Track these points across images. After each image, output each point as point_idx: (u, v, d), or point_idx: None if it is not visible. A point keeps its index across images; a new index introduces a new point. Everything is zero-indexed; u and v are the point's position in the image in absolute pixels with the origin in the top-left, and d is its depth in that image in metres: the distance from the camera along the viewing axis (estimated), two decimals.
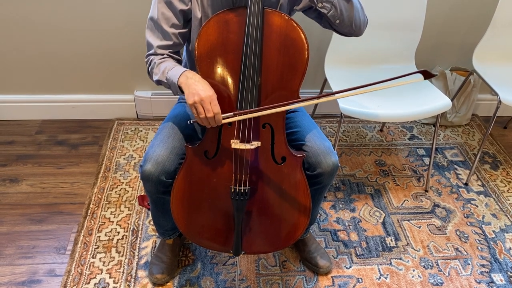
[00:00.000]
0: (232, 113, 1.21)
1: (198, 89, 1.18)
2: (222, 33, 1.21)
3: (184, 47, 1.50)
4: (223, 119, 1.20)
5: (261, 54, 1.21)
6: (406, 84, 1.97)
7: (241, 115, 1.21)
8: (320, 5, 1.24)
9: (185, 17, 1.33)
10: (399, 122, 2.48)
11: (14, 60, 2.22)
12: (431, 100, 1.85)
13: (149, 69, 1.34)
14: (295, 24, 1.22)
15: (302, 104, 1.25)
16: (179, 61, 1.37)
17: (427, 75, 1.15)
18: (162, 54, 1.33)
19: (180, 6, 1.29)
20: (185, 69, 1.26)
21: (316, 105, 2.32)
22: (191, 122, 1.25)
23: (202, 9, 1.30)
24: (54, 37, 2.16)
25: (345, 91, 1.20)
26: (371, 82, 1.33)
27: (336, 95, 1.23)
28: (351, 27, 1.31)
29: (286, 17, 1.22)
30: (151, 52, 1.34)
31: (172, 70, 1.26)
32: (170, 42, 1.32)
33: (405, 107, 1.83)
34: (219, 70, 1.23)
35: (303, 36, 1.22)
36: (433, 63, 2.43)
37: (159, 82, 1.31)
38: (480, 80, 2.30)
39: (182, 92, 1.23)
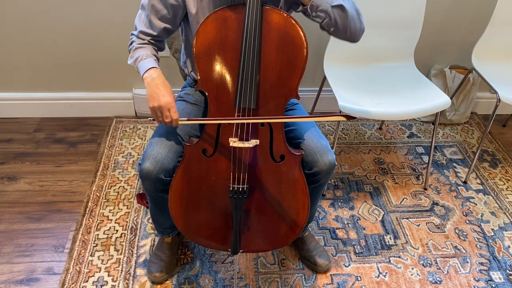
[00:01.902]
0: (185, 118, 1.31)
1: (159, 94, 1.24)
2: (220, 31, 1.21)
3: (183, 44, 1.50)
4: (180, 121, 1.27)
5: (259, 52, 1.21)
6: (401, 83, 1.98)
7: (195, 121, 1.35)
8: (314, 14, 1.24)
9: (175, 12, 1.33)
10: (398, 120, 2.48)
11: (12, 58, 2.21)
12: (430, 98, 1.85)
13: (129, 47, 1.38)
14: (294, 22, 1.21)
15: (281, 120, 1.28)
16: (157, 50, 1.40)
17: (348, 118, 1.21)
18: (143, 39, 1.36)
19: (171, 1, 1.30)
20: (154, 65, 1.30)
21: (315, 103, 2.32)
22: (151, 120, 1.30)
23: (197, 5, 1.30)
24: (53, 35, 2.15)
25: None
26: (370, 81, 1.36)
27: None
28: (345, 34, 1.29)
29: (285, 15, 1.21)
30: (134, 33, 1.38)
31: (143, 61, 1.31)
32: (154, 33, 1.36)
33: (404, 105, 1.83)
34: (218, 67, 1.23)
35: (302, 34, 1.21)
36: (432, 61, 2.43)
37: (132, 65, 1.36)
38: (479, 78, 2.30)
39: None
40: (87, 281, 1.59)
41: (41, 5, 2.07)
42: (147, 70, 1.28)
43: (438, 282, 1.65)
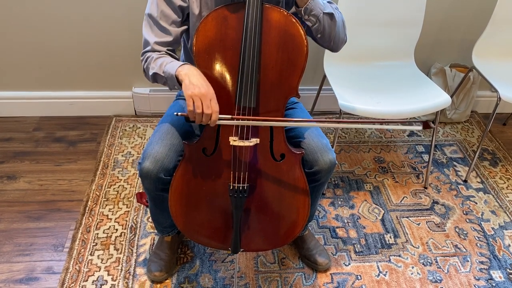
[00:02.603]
0: (229, 116, 1.19)
1: (200, 82, 1.16)
2: (220, 29, 1.20)
3: (182, 46, 1.49)
4: (219, 120, 1.17)
5: (260, 50, 1.20)
6: (401, 82, 1.98)
7: (239, 120, 1.19)
8: (306, 17, 1.25)
9: (183, 14, 1.32)
10: (398, 119, 2.47)
11: (12, 57, 2.21)
12: (430, 97, 1.85)
13: (145, 65, 1.31)
14: (294, 20, 1.21)
15: (307, 124, 1.30)
16: (176, 60, 1.35)
17: (426, 126, 1.15)
18: (160, 51, 1.31)
19: (179, 2, 1.28)
20: (188, 62, 1.24)
21: (315, 102, 2.32)
22: (178, 114, 1.20)
23: (200, 5, 1.29)
24: (52, 33, 2.15)
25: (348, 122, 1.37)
26: (370, 79, 1.35)
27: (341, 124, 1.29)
28: (329, 43, 1.33)
29: (285, 13, 1.21)
30: (147, 49, 1.32)
31: (171, 63, 1.24)
32: (170, 39, 1.31)
33: (404, 103, 1.83)
34: (218, 66, 1.22)
35: (302, 32, 1.21)
36: (432, 60, 2.43)
37: (155, 77, 1.29)
38: (479, 76, 2.29)
39: (180, 84, 1.20)
40: (86, 280, 1.59)
41: (40, 4, 2.06)
42: (181, 65, 1.20)
43: (438, 281, 1.65)
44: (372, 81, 1.99)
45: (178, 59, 1.34)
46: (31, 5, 2.06)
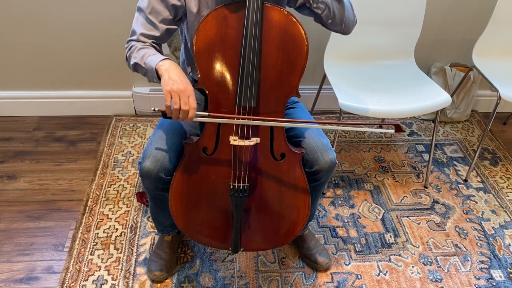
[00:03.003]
0: (207, 113, 1.20)
1: (179, 78, 1.16)
2: (220, 28, 1.20)
3: (182, 45, 1.49)
4: (196, 117, 1.18)
5: (260, 50, 1.20)
6: (402, 81, 1.97)
7: (215, 117, 1.20)
8: (315, 5, 1.25)
9: (176, 13, 1.31)
10: (399, 118, 2.48)
11: (12, 56, 2.21)
12: (430, 96, 1.84)
13: (128, 53, 1.31)
14: (294, 19, 1.20)
15: (295, 125, 1.29)
16: (160, 53, 1.33)
17: (398, 129, 1.18)
18: (145, 42, 1.31)
19: (173, 1, 1.28)
20: (169, 58, 1.24)
21: (315, 101, 2.31)
22: (156, 109, 1.20)
23: (198, 3, 1.29)
24: (52, 33, 2.15)
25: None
26: (370, 78, 1.34)
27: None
28: (341, 26, 1.34)
29: (286, 12, 1.20)
30: (133, 38, 1.32)
31: (153, 55, 1.24)
32: (157, 34, 1.31)
33: (404, 103, 1.83)
34: (218, 65, 1.22)
35: (302, 32, 1.21)
36: (432, 59, 2.43)
37: (135, 67, 1.29)
38: (479, 76, 2.29)
39: (160, 79, 1.19)
40: (87, 280, 1.59)
41: (40, 4, 2.06)
42: (162, 60, 1.21)
43: (439, 280, 1.65)
44: (373, 81, 1.99)
45: (161, 52, 1.34)
46: (30, 5, 2.06)
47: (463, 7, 2.26)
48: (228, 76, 1.23)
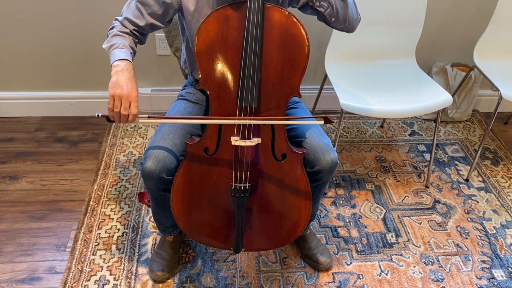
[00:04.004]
0: (146, 115, 1.23)
1: (125, 83, 1.20)
2: (222, 29, 1.21)
3: (183, 45, 1.49)
4: (139, 118, 1.21)
5: (261, 50, 1.20)
6: (403, 81, 1.98)
7: (155, 118, 1.24)
8: (318, 4, 1.26)
9: (166, 10, 1.32)
10: (400, 118, 2.48)
11: (13, 57, 2.21)
12: (431, 96, 1.85)
13: (109, 31, 1.34)
14: (295, 20, 1.21)
15: (278, 122, 1.28)
16: (137, 43, 1.37)
17: (327, 120, 1.22)
18: (126, 27, 1.33)
19: None
20: (128, 59, 1.26)
21: (316, 101, 2.32)
22: (100, 115, 1.23)
23: (196, 2, 1.29)
24: (53, 34, 2.15)
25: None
26: (371, 78, 1.31)
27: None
28: (344, 24, 1.34)
29: (287, 13, 1.21)
30: (119, 19, 1.34)
31: (118, 50, 1.27)
32: (141, 23, 1.32)
33: (405, 103, 1.83)
34: (219, 66, 1.23)
35: (303, 32, 1.21)
36: (433, 59, 2.43)
37: (105, 49, 1.32)
38: (481, 75, 2.29)
39: None
40: (89, 280, 1.59)
41: (41, 5, 2.06)
42: (118, 60, 1.24)
43: (440, 280, 1.65)
44: (374, 80, 1.99)
45: (142, 41, 1.37)
46: (32, 6, 2.06)
47: (464, 6, 2.26)
48: (229, 76, 1.23)
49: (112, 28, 1.34)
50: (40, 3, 2.06)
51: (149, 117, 1.23)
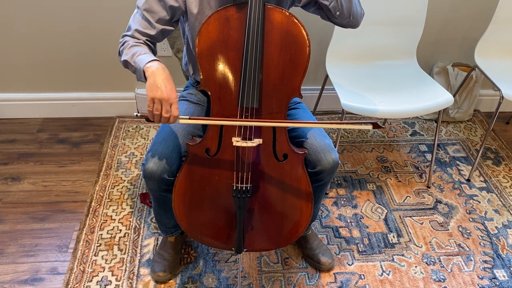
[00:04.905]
0: (187, 117, 1.21)
1: (164, 85, 1.15)
2: (222, 30, 1.21)
3: (185, 47, 1.49)
4: (180, 119, 1.19)
5: (262, 51, 1.20)
6: (404, 81, 1.98)
7: (197, 120, 1.23)
8: None
9: (173, 14, 1.32)
10: (401, 118, 2.48)
11: (15, 59, 2.22)
12: (433, 96, 1.85)
13: (121, 48, 1.31)
14: (296, 21, 1.21)
15: (292, 125, 1.30)
16: (153, 52, 1.34)
17: (375, 126, 1.20)
18: (139, 39, 1.31)
19: (171, 2, 1.28)
20: (158, 60, 1.23)
21: (317, 101, 2.32)
22: (138, 115, 1.20)
23: (199, 4, 1.30)
24: (55, 35, 2.16)
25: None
26: (372, 79, 1.31)
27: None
28: (349, 19, 1.33)
29: (287, 13, 1.21)
30: (128, 33, 1.32)
31: (143, 55, 1.24)
32: (152, 32, 1.31)
33: (406, 103, 1.83)
34: (220, 67, 1.23)
35: (304, 33, 1.21)
36: (434, 59, 2.42)
37: (126, 64, 1.29)
38: (482, 75, 2.29)
39: (146, 79, 1.20)
40: (91, 280, 1.59)
41: (43, 7, 2.07)
42: (150, 61, 1.20)
43: (442, 280, 1.65)
44: (375, 81, 1.99)
45: (154, 51, 1.34)
46: (34, 7, 2.07)
47: (465, 6, 2.26)
48: (230, 77, 1.24)
49: (123, 44, 1.31)
50: (42, 5, 2.07)
51: (190, 118, 1.21)
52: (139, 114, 1.20)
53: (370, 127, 1.19)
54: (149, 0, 1.28)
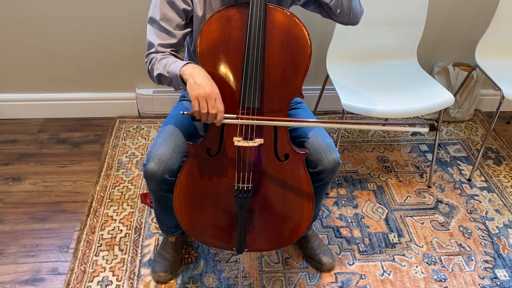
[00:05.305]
0: (235, 116, 1.20)
1: (204, 82, 1.16)
2: (224, 30, 1.21)
3: (186, 48, 1.49)
4: (225, 119, 1.18)
5: (263, 51, 1.20)
6: (404, 81, 1.98)
7: (243, 119, 1.20)
8: None
9: (187, 17, 1.32)
10: (402, 118, 2.47)
11: (16, 59, 2.22)
12: (433, 96, 1.84)
13: (149, 66, 1.32)
14: (297, 20, 1.21)
15: (311, 124, 1.31)
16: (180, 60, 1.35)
17: (433, 128, 1.17)
18: (164, 52, 1.31)
19: (183, 6, 1.28)
20: (191, 62, 1.23)
21: (318, 101, 2.32)
22: (185, 113, 1.21)
23: (204, 7, 1.30)
24: (56, 35, 2.16)
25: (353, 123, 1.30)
26: (373, 78, 1.31)
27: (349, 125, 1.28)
28: (349, 16, 1.33)
29: (289, 13, 1.21)
30: (152, 50, 1.32)
31: (175, 63, 1.24)
32: (174, 41, 1.31)
33: (407, 103, 1.83)
34: (222, 67, 1.23)
35: (305, 32, 1.21)
36: (435, 59, 2.42)
37: (159, 78, 1.29)
38: (483, 75, 2.29)
39: (185, 84, 1.20)
40: (91, 281, 1.59)
41: (44, 6, 2.07)
42: (185, 65, 1.20)
43: (443, 280, 1.65)
44: (375, 81, 1.99)
45: (182, 59, 1.34)
46: (34, 7, 2.07)
47: (466, 6, 2.26)
48: (232, 77, 1.24)
49: (150, 61, 1.31)
50: (43, 5, 2.07)
51: (237, 118, 1.20)
52: (185, 113, 1.20)
53: (427, 129, 1.15)
54: (162, 8, 1.28)
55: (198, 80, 1.16)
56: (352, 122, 1.17)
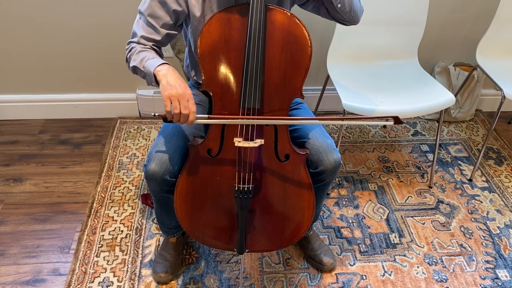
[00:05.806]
0: (206, 115, 1.21)
1: (177, 83, 1.17)
2: (224, 31, 1.21)
3: (187, 48, 1.49)
4: (197, 119, 1.19)
5: (264, 52, 1.20)
6: (405, 81, 1.98)
7: (214, 119, 1.22)
8: None
9: (177, 18, 1.32)
10: (403, 118, 2.47)
11: (16, 60, 2.22)
12: (434, 96, 1.84)
13: (128, 55, 1.32)
14: (297, 21, 1.21)
15: (300, 122, 1.30)
16: (160, 55, 1.35)
17: (397, 121, 1.19)
18: (145, 45, 1.32)
19: (174, 6, 1.28)
20: (168, 63, 1.24)
21: (318, 102, 2.32)
22: (156, 115, 1.21)
23: (202, 8, 1.30)
24: (56, 36, 2.16)
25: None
26: (374, 79, 1.31)
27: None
28: (350, 14, 1.33)
29: (289, 14, 1.21)
30: (134, 40, 1.33)
31: (152, 59, 1.25)
32: (157, 38, 1.32)
33: (408, 103, 1.83)
34: (222, 68, 1.23)
35: (306, 33, 1.21)
36: (436, 59, 2.42)
37: (135, 70, 1.29)
38: (483, 75, 2.29)
39: (158, 83, 1.21)
40: (93, 281, 1.59)
41: (44, 7, 2.07)
42: (160, 65, 1.22)
43: (444, 281, 1.65)
44: (376, 81, 1.99)
45: (162, 55, 1.35)
46: (35, 8, 2.07)
47: (466, 6, 2.26)
48: (232, 78, 1.24)
49: (130, 50, 1.32)
50: (43, 6, 2.07)
51: (209, 118, 1.21)
52: (157, 114, 1.20)
53: (391, 122, 1.18)
54: (152, 5, 1.28)
55: (171, 81, 1.17)
56: (323, 118, 1.20)
